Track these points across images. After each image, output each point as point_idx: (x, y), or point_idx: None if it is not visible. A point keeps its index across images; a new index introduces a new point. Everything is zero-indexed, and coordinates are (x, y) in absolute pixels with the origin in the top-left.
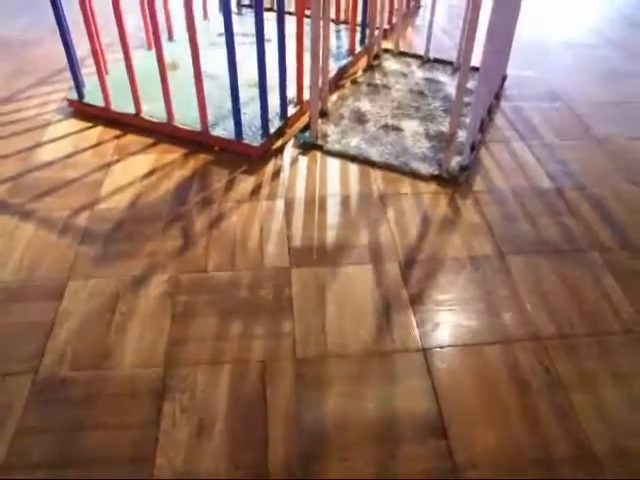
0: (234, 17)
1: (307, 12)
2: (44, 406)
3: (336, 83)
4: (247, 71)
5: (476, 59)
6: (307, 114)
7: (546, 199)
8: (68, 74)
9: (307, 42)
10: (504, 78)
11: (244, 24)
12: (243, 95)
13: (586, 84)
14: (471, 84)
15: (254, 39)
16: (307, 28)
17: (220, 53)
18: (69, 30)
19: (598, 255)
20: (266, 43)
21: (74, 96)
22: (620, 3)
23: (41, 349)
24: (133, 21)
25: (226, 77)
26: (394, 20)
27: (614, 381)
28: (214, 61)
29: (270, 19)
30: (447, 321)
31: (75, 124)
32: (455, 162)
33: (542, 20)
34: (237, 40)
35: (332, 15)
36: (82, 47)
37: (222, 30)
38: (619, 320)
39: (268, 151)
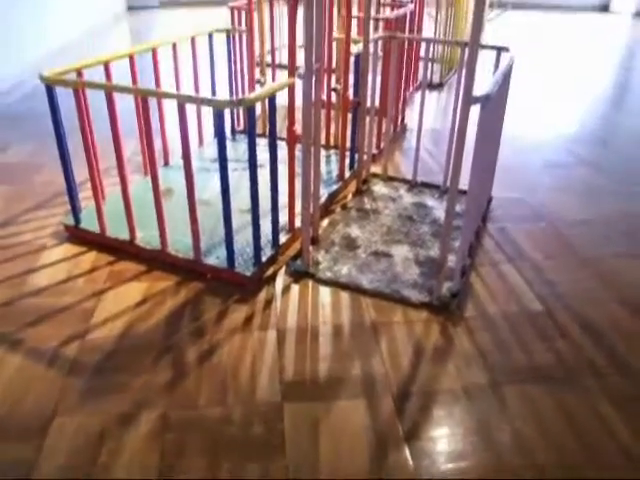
0: (228, 143)
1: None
2: None
3: (326, 208)
4: (240, 197)
5: (463, 182)
6: (299, 241)
7: (537, 323)
8: (65, 199)
9: (298, 168)
10: (490, 200)
11: (237, 150)
12: (235, 221)
13: (567, 203)
14: (458, 207)
15: (247, 165)
16: (298, 153)
17: (213, 179)
18: (70, 159)
19: (594, 381)
20: (258, 168)
21: (70, 221)
22: (591, 124)
23: None
24: (131, 144)
25: (219, 203)
26: (382, 145)
27: None
28: (208, 187)
29: (263, 144)
30: (442, 455)
31: (70, 249)
32: (446, 288)
33: (521, 142)
34: (230, 166)
35: (322, 140)
36: (81, 173)
37: (216, 156)
38: (620, 450)
39: (260, 280)
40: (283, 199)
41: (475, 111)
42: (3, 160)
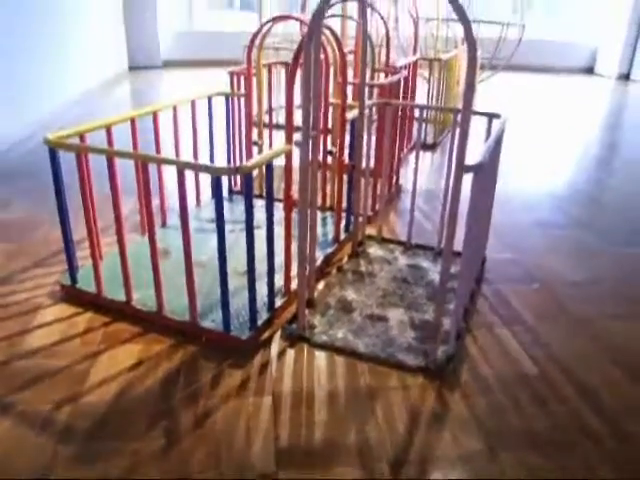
0: (225, 204)
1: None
2: None
3: (322, 271)
4: (236, 259)
5: (457, 243)
6: (294, 303)
7: (533, 386)
8: (63, 257)
9: (294, 229)
10: (483, 261)
11: (234, 211)
12: (232, 283)
13: (560, 264)
14: (453, 269)
15: (244, 226)
16: (294, 215)
17: (210, 240)
18: (69, 221)
19: (591, 446)
20: (255, 230)
21: (67, 281)
22: (582, 184)
23: None
24: (130, 202)
25: (215, 265)
26: (377, 206)
27: None
28: (205, 248)
29: (260, 205)
30: None
31: (65, 309)
32: (441, 351)
33: (512, 202)
34: (227, 227)
35: (318, 201)
36: (79, 230)
37: (213, 216)
38: None
39: (256, 343)
40: (279, 260)
41: (468, 174)
42: (3, 217)
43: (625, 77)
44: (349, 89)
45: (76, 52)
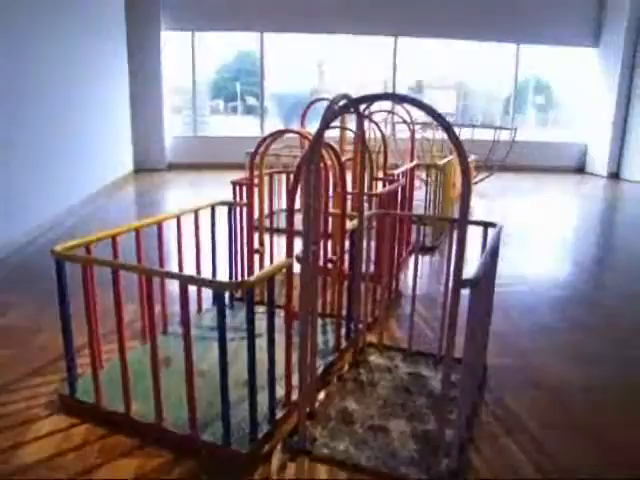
0: (226, 311)
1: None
2: None
3: (323, 379)
4: (237, 369)
5: (457, 349)
6: (295, 414)
7: None
8: (61, 364)
9: (295, 337)
10: (485, 367)
11: (235, 318)
12: (232, 394)
13: (561, 369)
14: (454, 376)
15: (245, 334)
16: (296, 323)
17: (211, 349)
18: (72, 331)
19: None
20: (256, 338)
21: (65, 391)
22: (580, 285)
23: None
24: (131, 309)
25: (216, 373)
26: (377, 312)
27: None
28: (206, 357)
29: (261, 311)
30: None
31: (62, 421)
32: (444, 464)
33: (511, 306)
34: (228, 335)
35: (318, 308)
36: (78, 338)
37: (214, 324)
38: None
39: (256, 457)
40: (280, 368)
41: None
42: (3, 323)
43: (615, 175)
44: (348, 197)
45: (81, 157)
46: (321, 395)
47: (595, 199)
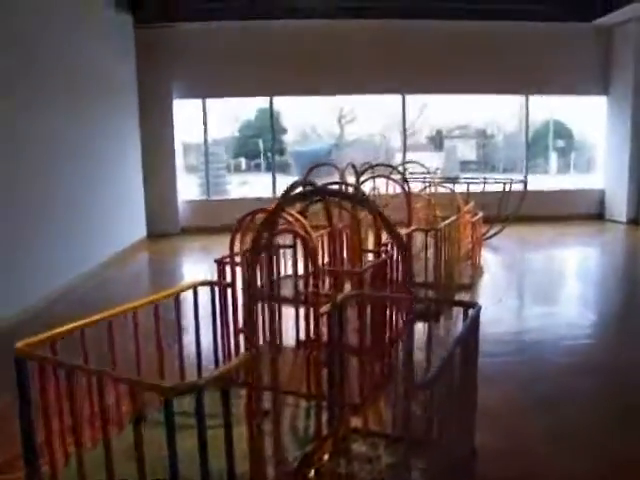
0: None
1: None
2: None
3: (300, 473)
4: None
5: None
6: None
7: None
8: None
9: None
10: (474, 452)
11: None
12: None
13: (564, 456)
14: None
15: (216, 421)
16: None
17: (181, 437)
18: (34, 427)
19: None
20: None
21: None
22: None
23: None
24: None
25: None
26: (365, 393)
27: None
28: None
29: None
30: None
31: None
32: None
33: (505, 379)
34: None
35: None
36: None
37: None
38: None
39: None
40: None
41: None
42: None
43: (634, 222)
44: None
45: (93, 226)
46: None
47: (615, 245)
